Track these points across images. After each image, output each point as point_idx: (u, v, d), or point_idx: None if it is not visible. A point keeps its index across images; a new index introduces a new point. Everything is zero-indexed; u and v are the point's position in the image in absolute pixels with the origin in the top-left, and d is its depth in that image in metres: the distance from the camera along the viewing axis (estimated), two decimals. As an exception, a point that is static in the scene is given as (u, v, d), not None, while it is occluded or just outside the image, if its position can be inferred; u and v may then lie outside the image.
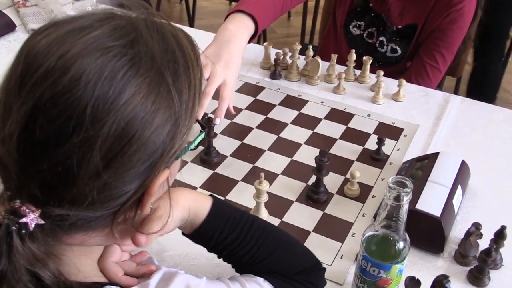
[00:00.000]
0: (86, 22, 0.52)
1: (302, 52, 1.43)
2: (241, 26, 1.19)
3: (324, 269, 0.80)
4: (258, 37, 1.41)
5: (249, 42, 1.23)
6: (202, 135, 0.65)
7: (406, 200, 0.74)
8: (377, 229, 0.79)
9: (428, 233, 0.94)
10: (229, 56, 1.13)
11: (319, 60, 1.36)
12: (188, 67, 0.55)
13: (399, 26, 1.52)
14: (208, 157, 1.11)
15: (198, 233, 0.72)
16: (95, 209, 0.52)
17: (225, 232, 0.72)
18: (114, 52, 0.50)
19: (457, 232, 0.97)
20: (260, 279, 0.71)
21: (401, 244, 0.79)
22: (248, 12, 1.21)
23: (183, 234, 0.74)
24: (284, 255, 0.76)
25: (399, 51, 1.55)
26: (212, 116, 1.10)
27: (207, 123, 1.10)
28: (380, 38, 1.55)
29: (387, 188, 0.74)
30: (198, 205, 0.71)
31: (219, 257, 0.75)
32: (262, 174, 0.93)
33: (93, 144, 0.49)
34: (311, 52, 1.40)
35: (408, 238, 0.80)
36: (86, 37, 0.50)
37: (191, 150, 0.64)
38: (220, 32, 1.17)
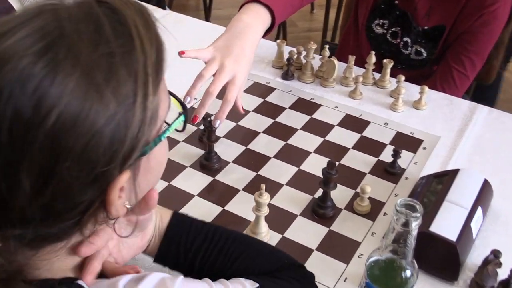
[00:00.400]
0: (7, 26, 0.49)
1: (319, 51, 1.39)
2: (256, 17, 1.13)
3: (302, 265, 0.78)
4: (275, 31, 1.36)
5: (264, 36, 1.17)
6: (182, 118, 0.61)
7: (415, 226, 0.70)
8: (383, 253, 0.76)
9: (441, 258, 0.89)
10: (240, 50, 1.07)
11: (335, 61, 1.31)
12: (131, 55, 0.51)
13: (426, 27, 1.47)
14: (209, 163, 1.07)
15: (165, 243, 0.74)
16: (50, 225, 0.51)
17: (191, 237, 0.74)
18: (29, 60, 0.47)
19: (474, 258, 0.92)
20: (241, 279, 0.70)
21: (408, 272, 0.75)
22: (264, 2, 1.15)
23: (154, 261, 0.76)
24: (254, 253, 0.76)
25: (424, 54, 1.50)
26: (211, 119, 1.05)
27: (208, 126, 1.06)
28: (405, 39, 1.50)
29: (394, 211, 0.70)
30: (160, 212, 0.76)
31: (193, 271, 0.74)
32: (263, 186, 0.90)
33: (19, 165, 0.46)
34: (327, 52, 1.36)
35: (416, 265, 0.76)
36: (2, 45, 0.47)
37: (178, 131, 0.62)
38: (233, 23, 1.12)
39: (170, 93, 0.60)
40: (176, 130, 0.61)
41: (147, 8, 0.55)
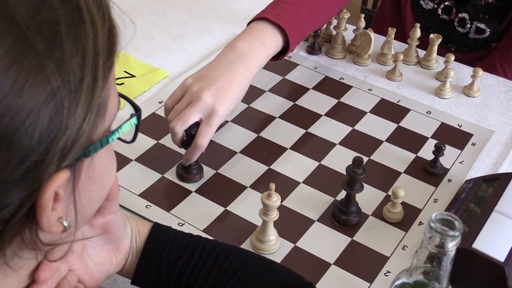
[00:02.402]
0: None
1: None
2: (256, 45, 1.07)
3: (310, 284, 0.77)
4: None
5: (278, 59, 1.13)
6: (134, 120, 0.60)
7: (452, 247, 0.69)
8: (412, 276, 0.75)
9: (485, 282, 0.88)
10: (226, 83, 1.00)
11: (372, 34, 1.30)
12: (79, 28, 0.49)
13: (490, 0, 1.43)
14: (187, 174, 1.04)
15: (143, 262, 0.74)
16: None
17: (174, 253, 0.74)
18: None
19: (525, 283, 0.90)
20: None
21: (441, 301, 0.73)
22: (274, 21, 1.10)
23: (132, 282, 0.76)
24: (252, 271, 0.75)
25: (487, 31, 1.47)
26: (194, 123, 1.00)
27: (187, 129, 0.99)
28: (461, 15, 1.47)
29: (428, 228, 0.69)
30: (137, 224, 0.76)
31: None
32: (272, 186, 0.89)
33: None
34: (362, 23, 1.35)
35: (452, 293, 0.74)
36: None
37: (125, 142, 0.61)
38: (224, 51, 1.06)
39: (120, 95, 0.59)
40: (123, 141, 0.61)
41: None
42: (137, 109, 0.61)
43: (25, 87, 0.46)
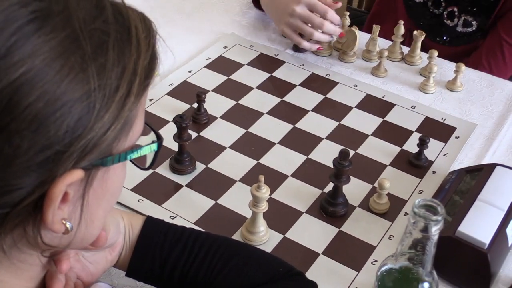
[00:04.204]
0: None
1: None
2: None
3: (301, 273, 0.79)
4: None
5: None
6: (154, 147, 0.63)
7: (435, 231, 0.71)
8: (397, 261, 0.77)
9: (469, 268, 0.91)
10: None
11: (357, 31, 1.32)
12: (125, 46, 0.53)
13: None
14: (180, 166, 1.06)
15: (137, 255, 0.76)
16: None
17: (167, 246, 0.76)
18: (15, 1, 0.49)
19: (509, 270, 0.94)
20: None
21: (426, 284, 0.76)
22: None
23: (126, 274, 0.78)
24: (243, 262, 0.76)
25: (475, 25, 1.50)
26: (185, 115, 1.03)
27: (178, 122, 1.02)
28: (450, 8, 1.50)
29: (412, 213, 0.71)
30: (130, 219, 0.78)
31: (172, 286, 0.76)
32: (261, 178, 0.91)
33: None
34: (347, 21, 1.37)
35: (436, 276, 0.77)
36: None
37: (141, 169, 0.65)
38: None
39: (146, 123, 0.63)
40: (138, 167, 0.65)
41: (150, 20, 0.59)
42: (159, 137, 0.64)
43: (65, 80, 0.49)
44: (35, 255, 0.58)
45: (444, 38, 1.53)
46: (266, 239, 0.95)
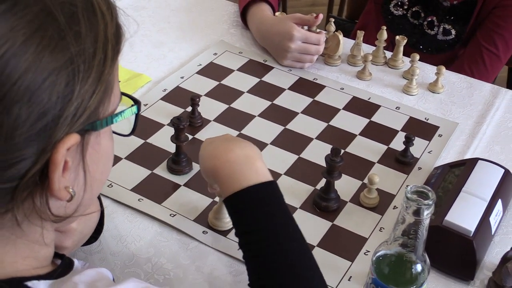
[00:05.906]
0: None
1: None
2: None
3: None
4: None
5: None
6: (135, 109, 0.67)
7: (427, 215, 0.75)
8: (391, 247, 0.81)
9: (456, 255, 0.95)
10: None
11: (340, 36, 1.36)
12: (92, 16, 0.58)
13: (454, 2, 1.52)
14: (177, 166, 1.10)
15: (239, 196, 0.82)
16: None
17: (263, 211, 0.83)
18: None
19: (493, 256, 0.98)
20: None
21: (418, 267, 0.80)
22: None
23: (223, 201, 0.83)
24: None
25: (453, 33, 1.55)
26: (182, 117, 1.06)
27: (176, 123, 1.04)
28: (429, 18, 1.55)
29: (405, 199, 0.75)
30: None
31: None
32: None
33: None
34: (332, 27, 1.41)
35: (428, 260, 0.81)
36: None
37: (123, 136, 0.69)
38: None
39: (122, 93, 0.67)
40: (121, 135, 0.70)
41: None
42: (136, 101, 0.69)
43: (47, 50, 0.54)
44: (43, 224, 0.61)
45: (426, 46, 1.58)
46: (230, 225, 0.98)
